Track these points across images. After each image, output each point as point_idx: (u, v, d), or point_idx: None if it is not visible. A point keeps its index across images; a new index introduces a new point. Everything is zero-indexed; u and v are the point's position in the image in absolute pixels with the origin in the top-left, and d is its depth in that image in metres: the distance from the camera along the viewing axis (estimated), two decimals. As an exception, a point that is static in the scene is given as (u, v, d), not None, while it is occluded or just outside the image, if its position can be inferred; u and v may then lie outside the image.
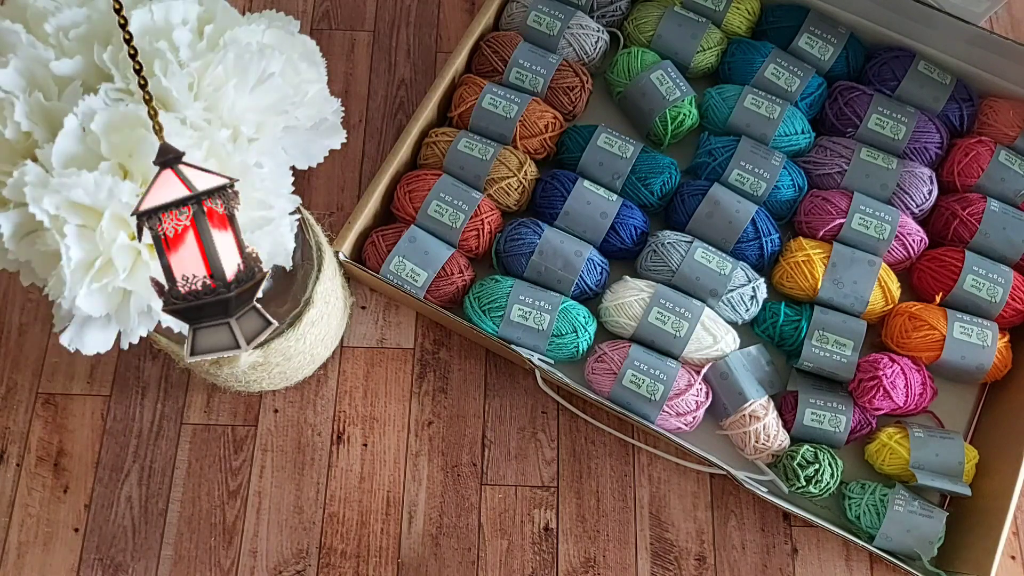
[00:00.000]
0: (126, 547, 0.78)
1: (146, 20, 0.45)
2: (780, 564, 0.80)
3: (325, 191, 0.91)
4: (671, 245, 0.83)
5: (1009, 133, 0.89)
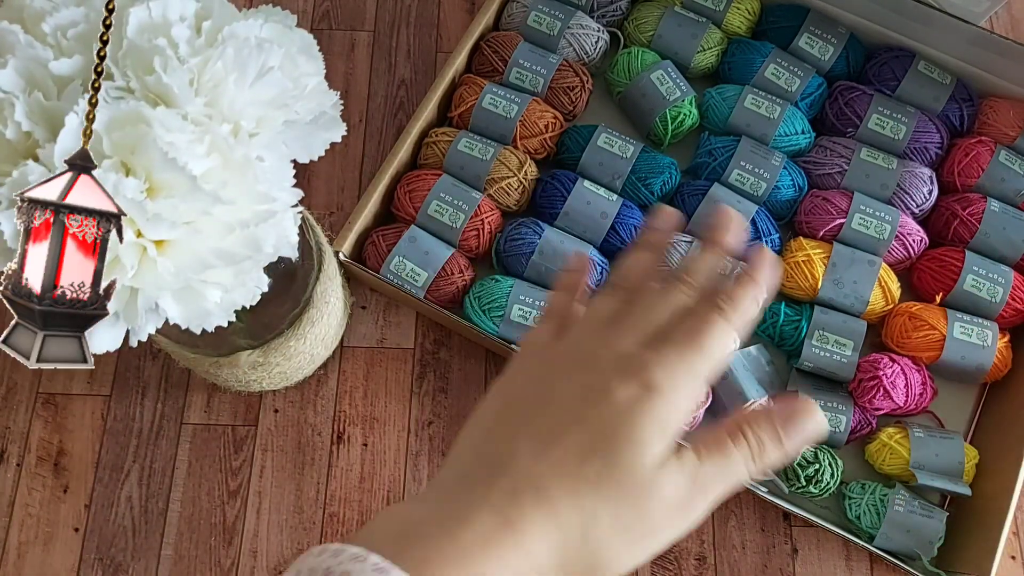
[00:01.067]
0: (126, 547, 0.78)
1: (144, 17, 0.45)
2: (780, 564, 0.79)
3: (325, 191, 0.91)
4: (671, 245, 0.83)
5: (1009, 133, 0.89)
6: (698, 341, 0.36)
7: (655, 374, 0.34)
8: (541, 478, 0.33)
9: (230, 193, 0.46)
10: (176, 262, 0.47)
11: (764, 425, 0.35)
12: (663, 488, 0.33)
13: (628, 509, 0.33)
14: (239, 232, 0.48)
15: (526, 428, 0.35)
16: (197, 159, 0.45)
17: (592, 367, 0.36)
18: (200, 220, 0.46)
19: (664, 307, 0.38)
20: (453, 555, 0.31)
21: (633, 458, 0.33)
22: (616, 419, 0.34)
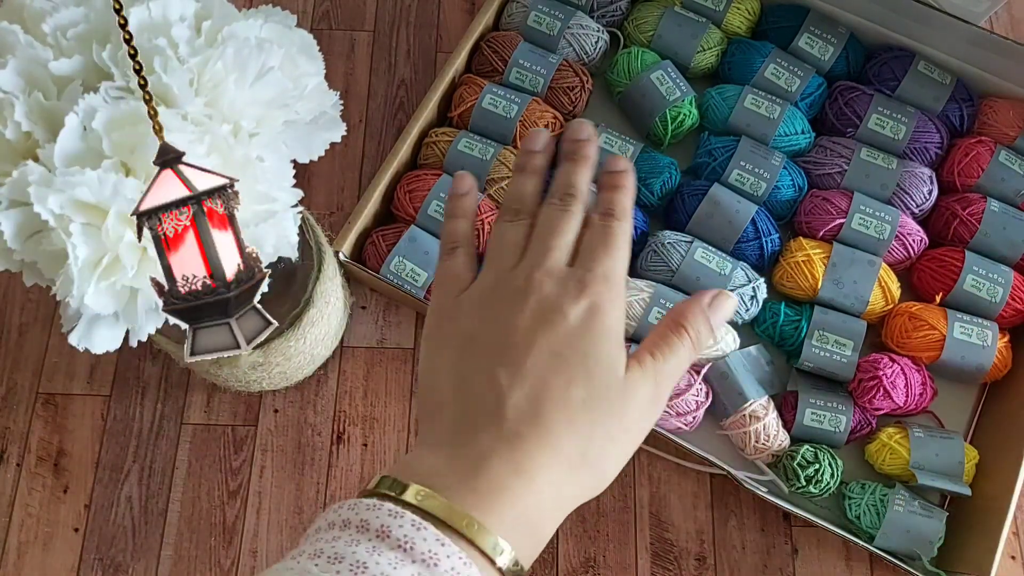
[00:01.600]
0: (126, 547, 0.78)
1: (144, 17, 0.45)
2: (780, 564, 0.79)
3: (325, 191, 0.91)
4: (671, 245, 0.83)
5: (1009, 133, 0.89)
6: (612, 251, 0.40)
7: (594, 288, 0.39)
8: (537, 415, 0.36)
9: (230, 193, 0.46)
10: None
11: (699, 316, 0.41)
12: (637, 393, 0.38)
13: (615, 421, 0.37)
14: (239, 232, 0.48)
15: (500, 362, 0.38)
16: (197, 159, 0.45)
17: (536, 292, 0.39)
18: (200, 220, 0.46)
19: (570, 224, 0.42)
20: (475, 504, 0.34)
21: (608, 375, 0.37)
22: (580, 340, 0.38)
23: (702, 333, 0.41)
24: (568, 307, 0.38)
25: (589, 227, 0.41)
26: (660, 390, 0.39)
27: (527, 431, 0.36)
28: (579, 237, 0.41)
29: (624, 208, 0.42)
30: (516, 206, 0.43)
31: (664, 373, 0.39)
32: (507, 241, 0.42)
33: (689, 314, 0.41)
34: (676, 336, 0.40)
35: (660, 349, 0.40)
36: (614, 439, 0.37)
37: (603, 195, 0.42)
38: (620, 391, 0.38)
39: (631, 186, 0.43)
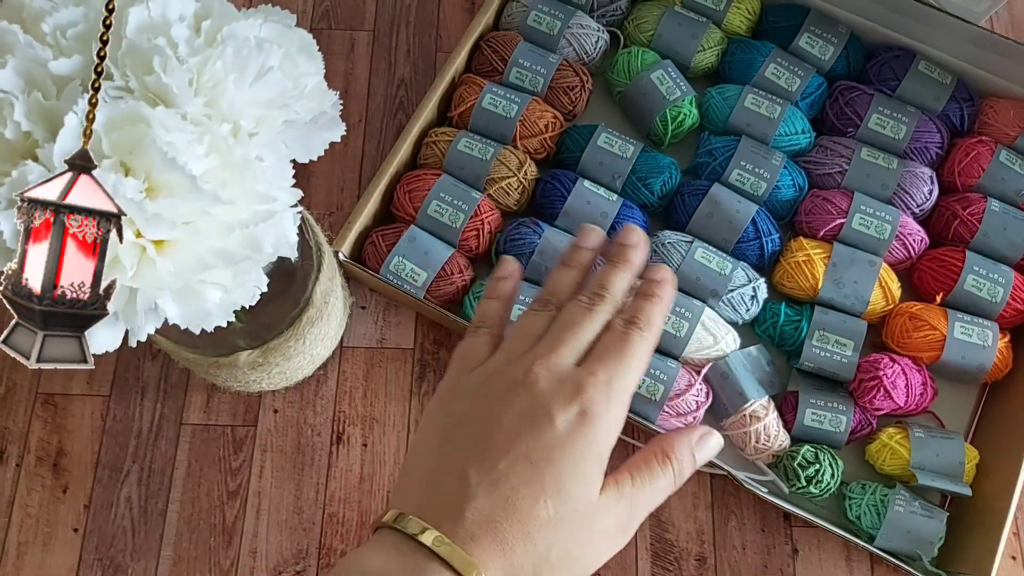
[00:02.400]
0: (126, 547, 0.78)
1: (143, 17, 0.45)
2: (780, 564, 0.79)
3: (325, 191, 0.91)
4: (671, 245, 0.83)
5: (1010, 133, 0.89)
6: (624, 359, 0.39)
7: (590, 395, 0.37)
8: (496, 524, 0.35)
9: (230, 193, 0.46)
10: (175, 262, 0.47)
11: (685, 450, 0.40)
12: (607, 517, 0.37)
13: (577, 542, 0.36)
14: (239, 232, 0.47)
15: (475, 460, 0.37)
16: (197, 159, 0.45)
17: (530, 389, 0.38)
18: (200, 220, 0.46)
19: (590, 324, 0.41)
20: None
21: (580, 495, 0.36)
22: (560, 452, 0.37)
23: (685, 468, 0.40)
24: (557, 411, 0.37)
25: (609, 331, 0.40)
26: (632, 517, 0.38)
27: (482, 536, 0.35)
28: (596, 339, 0.40)
29: (651, 320, 0.40)
30: (548, 297, 0.43)
31: (640, 501, 0.38)
32: (526, 329, 0.42)
33: (677, 446, 0.40)
34: (660, 466, 0.39)
35: (641, 475, 0.39)
36: (574, 559, 0.36)
37: (635, 302, 0.41)
38: (590, 513, 0.37)
39: (667, 299, 0.41)
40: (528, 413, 0.37)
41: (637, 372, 0.39)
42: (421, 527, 0.35)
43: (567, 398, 0.37)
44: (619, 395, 0.38)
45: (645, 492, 0.38)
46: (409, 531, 0.35)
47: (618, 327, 0.40)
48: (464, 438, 0.38)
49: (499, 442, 0.37)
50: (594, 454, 0.37)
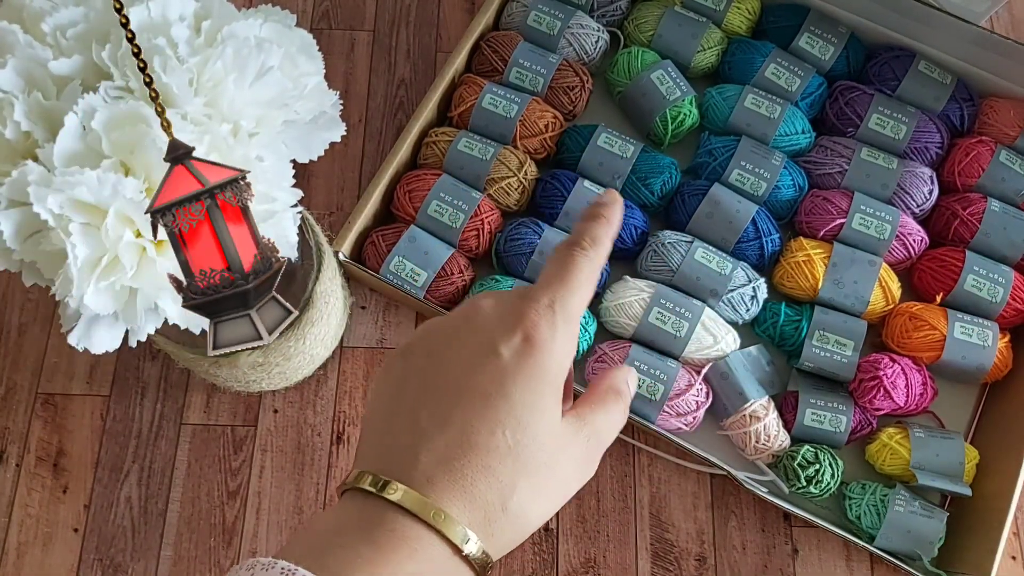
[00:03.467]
0: (125, 547, 0.78)
1: (143, 17, 0.45)
2: (780, 565, 0.79)
3: (325, 191, 0.91)
4: (671, 245, 0.83)
5: (1010, 133, 0.89)
6: (566, 280, 0.37)
7: (532, 319, 0.36)
8: (451, 460, 0.34)
9: (230, 193, 0.46)
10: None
11: (621, 381, 0.40)
12: (571, 445, 0.36)
13: (542, 475, 0.35)
14: (239, 232, 0.48)
15: (425, 403, 0.36)
16: (197, 159, 0.45)
17: (473, 324, 0.37)
18: (200, 220, 0.46)
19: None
20: (372, 558, 0.32)
21: (538, 422, 0.35)
22: (511, 381, 0.35)
23: (628, 399, 0.40)
24: (501, 343, 0.36)
25: (552, 255, 0.39)
26: (593, 448, 0.37)
27: (439, 477, 0.34)
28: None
29: (595, 237, 0.38)
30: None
31: (602, 428, 0.38)
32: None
33: (617, 382, 0.40)
34: (613, 396, 0.39)
35: (598, 405, 0.38)
36: (540, 491, 0.35)
37: (578, 224, 0.39)
38: (551, 441, 0.35)
39: (612, 219, 0.39)
40: (474, 348, 0.36)
41: (581, 292, 0.37)
42: (378, 480, 0.34)
43: (509, 327, 0.36)
44: (564, 317, 0.36)
45: (605, 420, 0.38)
46: (367, 486, 0.34)
47: (561, 250, 0.38)
48: (415, 385, 0.37)
49: (448, 382, 0.36)
50: (546, 380, 0.36)
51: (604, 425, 0.38)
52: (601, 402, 0.38)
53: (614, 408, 0.39)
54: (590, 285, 0.38)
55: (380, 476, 0.34)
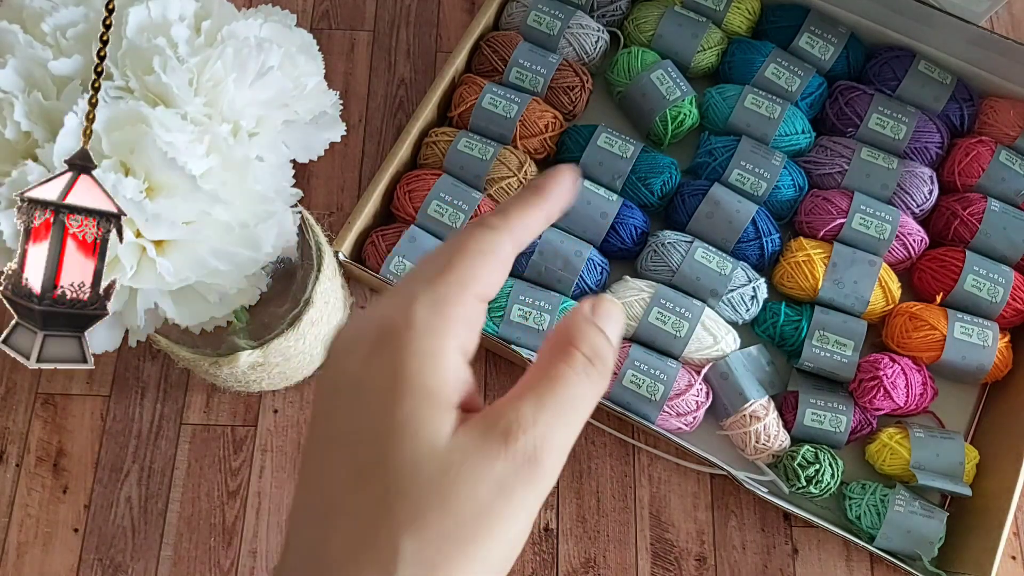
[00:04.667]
0: (126, 547, 0.78)
1: (143, 17, 0.45)
2: (780, 564, 0.79)
3: (325, 191, 0.91)
4: (671, 245, 0.83)
5: (1010, 133, 0.89)
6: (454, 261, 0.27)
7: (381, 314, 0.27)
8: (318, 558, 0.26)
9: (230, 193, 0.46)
10: (176, 262, 0.47)
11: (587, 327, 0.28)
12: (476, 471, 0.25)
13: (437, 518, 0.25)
14: (239, 232, 0.48)
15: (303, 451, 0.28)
16: (197, 159, 0.45)
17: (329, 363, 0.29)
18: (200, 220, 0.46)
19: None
20: None
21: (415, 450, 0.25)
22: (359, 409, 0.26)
23: (598, 347, 0.27)
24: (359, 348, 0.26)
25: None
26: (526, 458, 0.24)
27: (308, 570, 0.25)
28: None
29: (504, 210, 0.29)
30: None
31: (532, 425, 0.25)
32: None
33: (572, 328, 0.27)
34: (562, 362, 0.26)
35: (531, 388, 0.26)
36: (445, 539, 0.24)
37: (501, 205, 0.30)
38: (438, 473, 0.24)
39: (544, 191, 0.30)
40: (325, 387, 0.28)
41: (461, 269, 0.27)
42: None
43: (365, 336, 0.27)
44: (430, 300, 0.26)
45: (544, 405, 0.25)
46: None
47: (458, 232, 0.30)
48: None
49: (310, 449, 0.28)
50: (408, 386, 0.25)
51: (543, 413, 0.25)
52: (541, 376, 0.26)
53: (566, 379, 0.26)
54: (488, 268, 0.28)
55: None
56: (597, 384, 0.26)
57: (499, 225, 0.28)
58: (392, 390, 0.25)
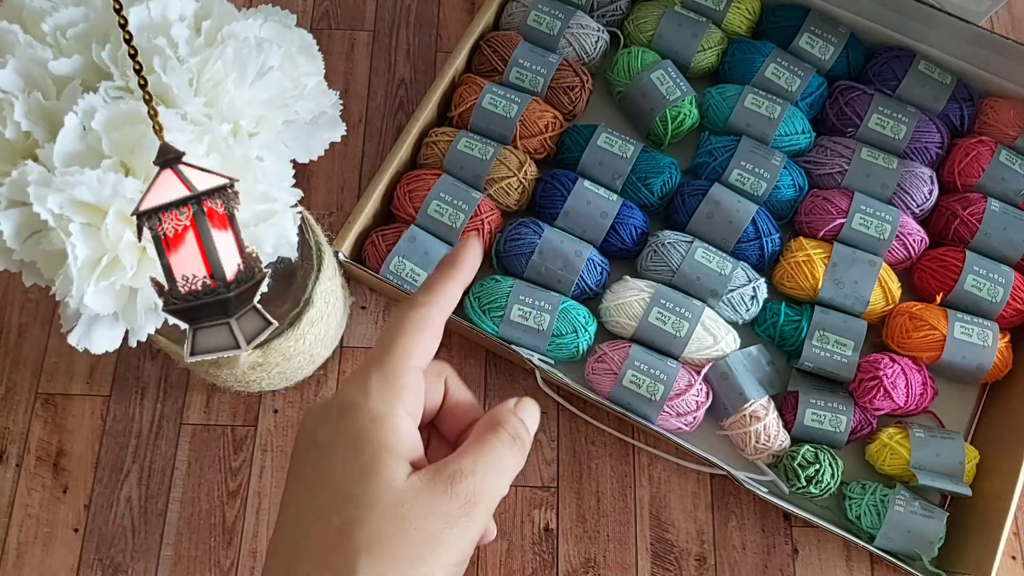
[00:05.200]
0: (126, 547, 0.78)
1: (143, 17, 0.45)
2: (780, 565, 0.79)
3: (325, 191, 0.91)
4: (671, 245, 0.83)
5: (1010, 133, 0.89)
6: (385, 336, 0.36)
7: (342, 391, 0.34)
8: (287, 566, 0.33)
9: (230, 193, 0.46)
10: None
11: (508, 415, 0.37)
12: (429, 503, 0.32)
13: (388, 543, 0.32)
14: (239, 232, 0.47)
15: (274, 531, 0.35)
16: (197, 159, 0.45)
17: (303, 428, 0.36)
18: (200, 220, 0.46)
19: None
20: None
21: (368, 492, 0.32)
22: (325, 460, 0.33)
23: (519, 429, 0.36)
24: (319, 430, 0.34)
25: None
26: (467, 496, 0.32)
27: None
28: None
29: (430, 285, 0.37)
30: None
31: (474, 474, 0.33)
32: None
33: (499, 414, 0.36)
34: (492, 433, 0.35)
35: (471, 447, 0.34)
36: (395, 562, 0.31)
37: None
38: (395, 501, 0.31)
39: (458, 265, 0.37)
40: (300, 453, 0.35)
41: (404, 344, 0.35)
42: None
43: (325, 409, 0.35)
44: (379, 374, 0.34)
45: (481, 462, 0.33)
46: None
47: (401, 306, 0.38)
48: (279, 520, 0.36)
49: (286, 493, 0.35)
50: (367, 442, 0.33)
51: (479, 466, 0.33)
52: (476, 442, 0.35)
53: (493, 446, 0.34)
54: (421, 341, 0.35)
55: None
56: (517, 455, 0.35)
57: (426, 301, 0.36)
58: (355, 446, 0.32)
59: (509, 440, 0.35)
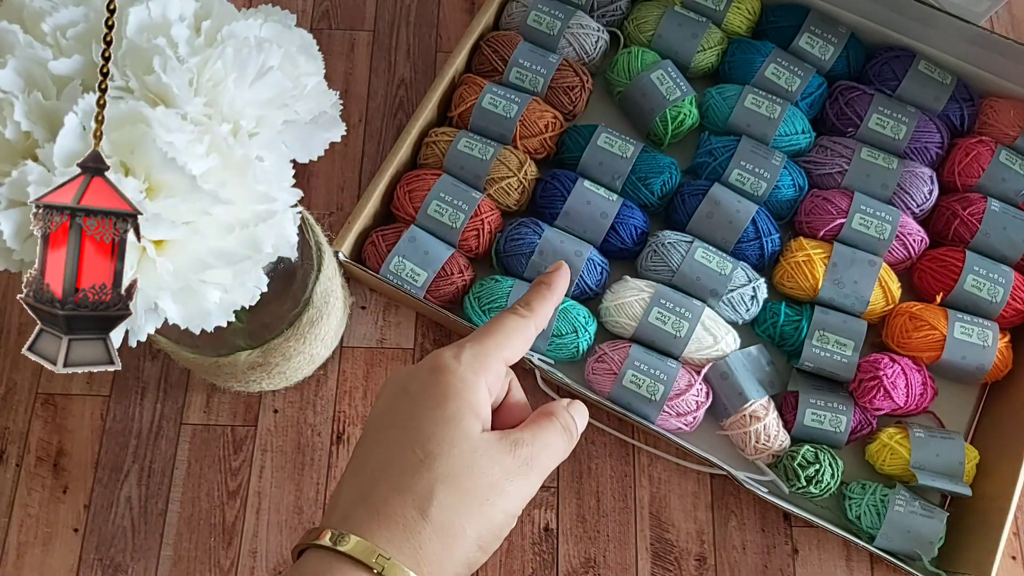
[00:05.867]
0: (126, 547, 0.78)
1: (143, 17, 0.45)
2: (781, 565, 0.79)
3: (325, 191, 0.91)
4: (671, 245, 0.83)
5: (1010, 133, 0.89)
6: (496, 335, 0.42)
7: (438, 354, 0.40)
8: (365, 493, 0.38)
9: (230, 193, 0.46)
10: (175, 262, 0.47)
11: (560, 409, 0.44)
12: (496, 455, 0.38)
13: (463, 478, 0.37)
14: (239, 232, 0.48)
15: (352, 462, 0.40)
16: (197, 159, 0.45)
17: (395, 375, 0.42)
18: (200, 220, 0.46)
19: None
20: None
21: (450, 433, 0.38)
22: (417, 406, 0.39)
23: (569, 423, 0.42)
24: (410, 383, 0.40)
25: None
26: (525, 459, 0.39)
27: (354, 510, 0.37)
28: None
29: (529, 302, 0.44)
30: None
31: (533, 445, 0.40)
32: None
33: (554, 407, 0.43)
34: (547, 418, 0.42)
35: (530, 424, 0.41)
36: (464, 495, 0.37)
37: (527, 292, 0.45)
38: (471, 447, 0.38)
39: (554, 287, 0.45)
40: (389, 398, 0.40)
41: (501, 345, 0.42)
42: (315, 534, 0.37)
43: (420, 367, 0.40)
44: (473, 355, 0.40)
45: (539, 437, 0.40)
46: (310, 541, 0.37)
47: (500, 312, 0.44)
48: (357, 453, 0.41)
49: (372, 435, 0.40)
50: (454, 396, 0.39)
51: (537, 440, 0.40)
52: (534, 422, 0.41)
53: (548, 429, 0.41)
54: (515, 341, 0.42)
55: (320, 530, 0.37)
56: (566, 443, 0.42)
57: (527, 314, 0.43)
58: (443, 398, 0.39)
59: (561, 429, 0.41)
